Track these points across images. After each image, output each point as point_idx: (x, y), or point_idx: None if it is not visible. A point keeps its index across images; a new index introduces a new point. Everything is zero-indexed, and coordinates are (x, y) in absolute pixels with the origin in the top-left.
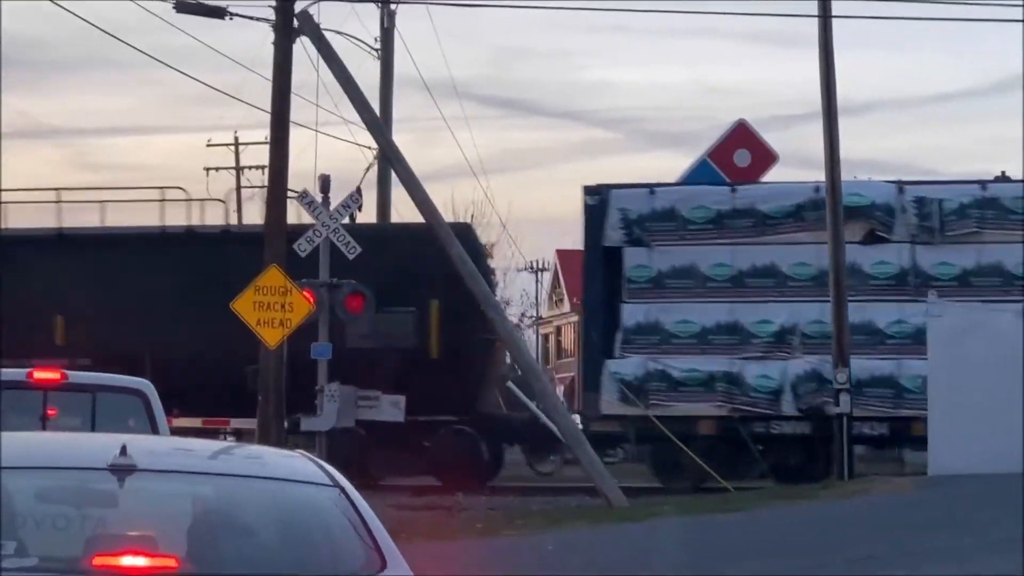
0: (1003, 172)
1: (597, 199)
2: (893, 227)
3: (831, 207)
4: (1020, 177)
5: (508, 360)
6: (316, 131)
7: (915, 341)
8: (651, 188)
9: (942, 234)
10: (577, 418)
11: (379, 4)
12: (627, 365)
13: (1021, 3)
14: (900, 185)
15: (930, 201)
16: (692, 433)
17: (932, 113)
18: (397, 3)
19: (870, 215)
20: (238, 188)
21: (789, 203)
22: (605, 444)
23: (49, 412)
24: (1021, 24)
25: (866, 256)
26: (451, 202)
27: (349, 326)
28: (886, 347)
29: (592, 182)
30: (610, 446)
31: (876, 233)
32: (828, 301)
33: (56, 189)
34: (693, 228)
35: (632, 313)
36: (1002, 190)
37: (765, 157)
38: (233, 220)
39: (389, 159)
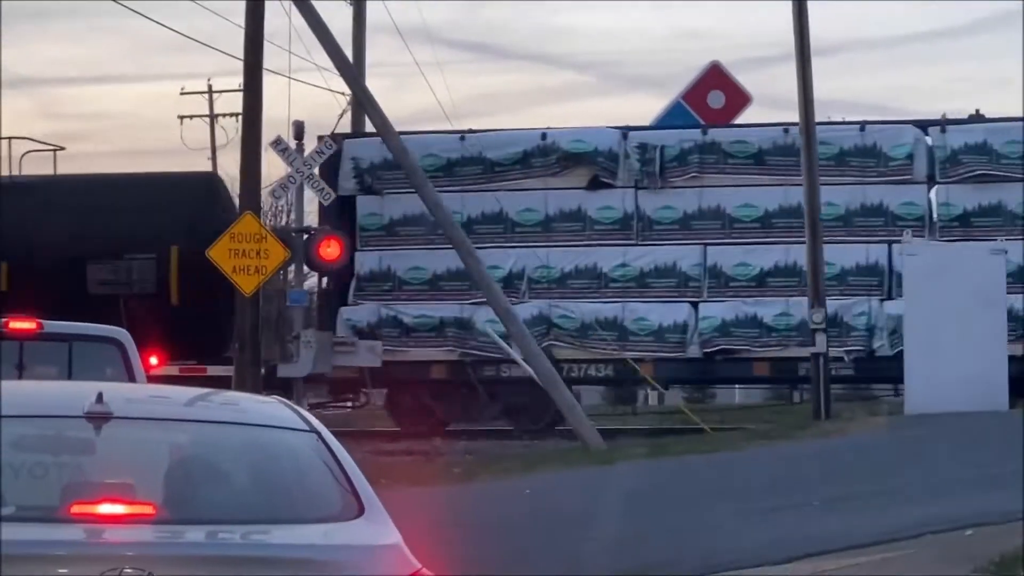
0: (977, 110)
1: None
2: (617, 173)
3: (806, 148)
4: (996, 116)
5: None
6: (289, 78)
7: (638, 284)
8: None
9: (663, 179)
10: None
11: None
12: (360, 312)
13: None
14: (624, 131)
15: (652, 147)
16: (425, 377)
17: (905, 53)
18: None
19: (593, 161)
20: (212, 136)
21: (516, 150)
22: (343, 389)
23: (25, 362)
24: None
25: (591, 201)
26: None
27: (90, 272)
28: (610, 290)
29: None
30: (348, 391)
31: (600, 179)
32: (555, 246)
33: None
34: (428, 174)
35: (365, 261)
36: (723, 134)
37: (738, 98)
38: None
39: (363, 105)
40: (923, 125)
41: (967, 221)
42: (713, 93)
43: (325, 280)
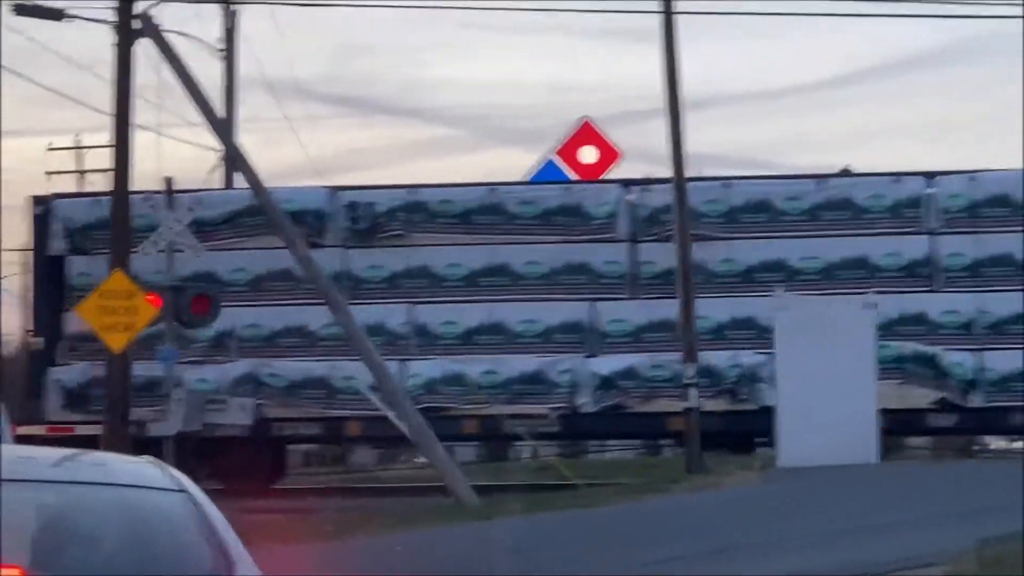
0: (847, 166)
1: (42, 209)
2: (325, 232)
3: (677, 203)
4: (866, 171)
5: None
6: (159, 134)
7: (343, 343)
8: (95, 197)
9: (372, 238)
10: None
11: (222, 5)
12: (70, 372)
13: None
14: (333, 189)
15: (361, 205)
16: (141, 436)
17: (780, 106)
18: (239, 3)
19: (303, 220)
20: (80, 193)
21: (227, 210)
22: None
23: None
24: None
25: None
26: None
27: None
28: (319, 349)
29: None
30: None
31: (309, 238)
32: (265, 305)
33: None
34: (136, 236)
35: (76, 320)
36: (430, 194)
37: (610, 154)
38: None
39: (234, 160)
40: (628, 184)
41: (668, 279)
42: (585, 149)
43: (35, 338)
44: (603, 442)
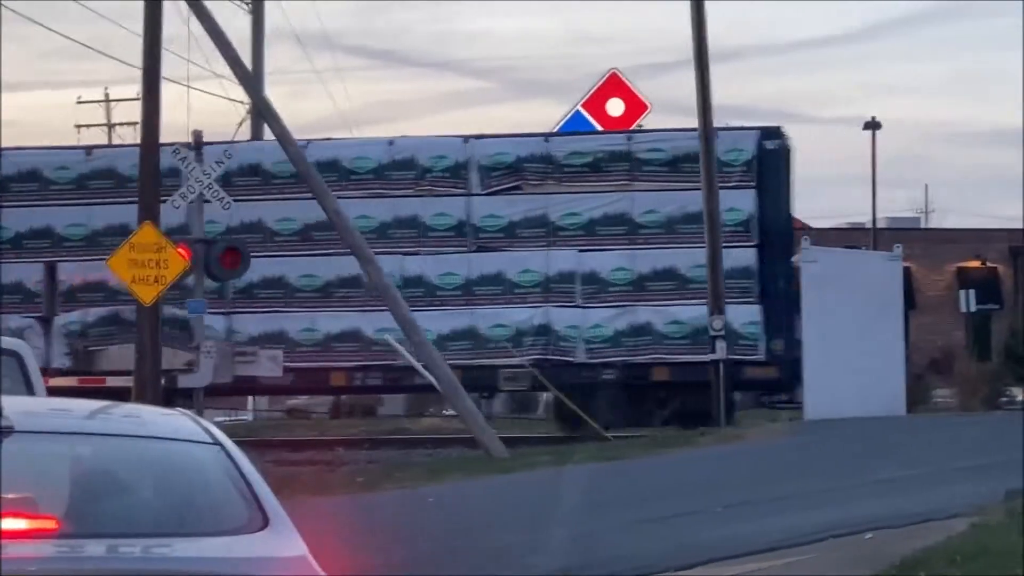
0: (873, 118)
1: None
2: None
3: (704, 155)
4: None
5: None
6: (188, 87)
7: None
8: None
9: None
10: None
11: None
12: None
13: None
14: None
15: None
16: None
17: (802, 58)
18: None
19: None
20: (110, 145)
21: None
22: None
23: None
24: None
25: None
26: None
27: None
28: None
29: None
30: None
31: None
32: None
33: None
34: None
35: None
36: None
37: (637, 106)
38: None
39: (262, 113)
40: None
41: None
42: (612, 101)
43: None
44: None
